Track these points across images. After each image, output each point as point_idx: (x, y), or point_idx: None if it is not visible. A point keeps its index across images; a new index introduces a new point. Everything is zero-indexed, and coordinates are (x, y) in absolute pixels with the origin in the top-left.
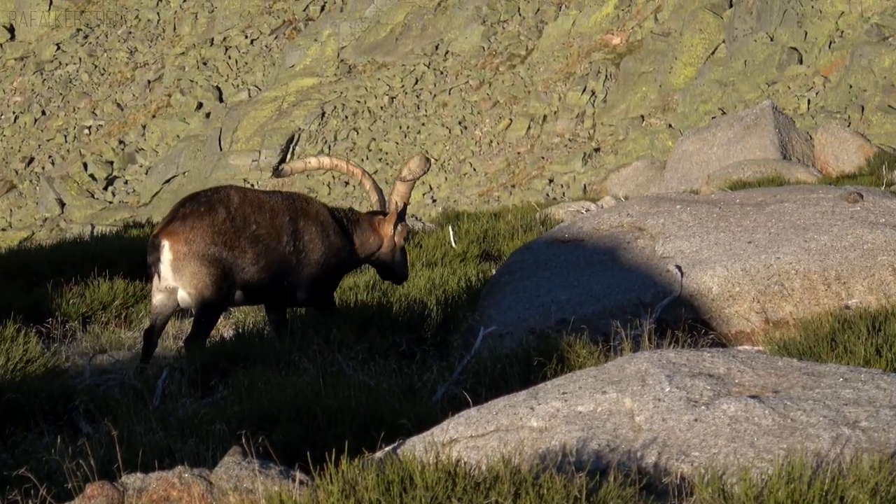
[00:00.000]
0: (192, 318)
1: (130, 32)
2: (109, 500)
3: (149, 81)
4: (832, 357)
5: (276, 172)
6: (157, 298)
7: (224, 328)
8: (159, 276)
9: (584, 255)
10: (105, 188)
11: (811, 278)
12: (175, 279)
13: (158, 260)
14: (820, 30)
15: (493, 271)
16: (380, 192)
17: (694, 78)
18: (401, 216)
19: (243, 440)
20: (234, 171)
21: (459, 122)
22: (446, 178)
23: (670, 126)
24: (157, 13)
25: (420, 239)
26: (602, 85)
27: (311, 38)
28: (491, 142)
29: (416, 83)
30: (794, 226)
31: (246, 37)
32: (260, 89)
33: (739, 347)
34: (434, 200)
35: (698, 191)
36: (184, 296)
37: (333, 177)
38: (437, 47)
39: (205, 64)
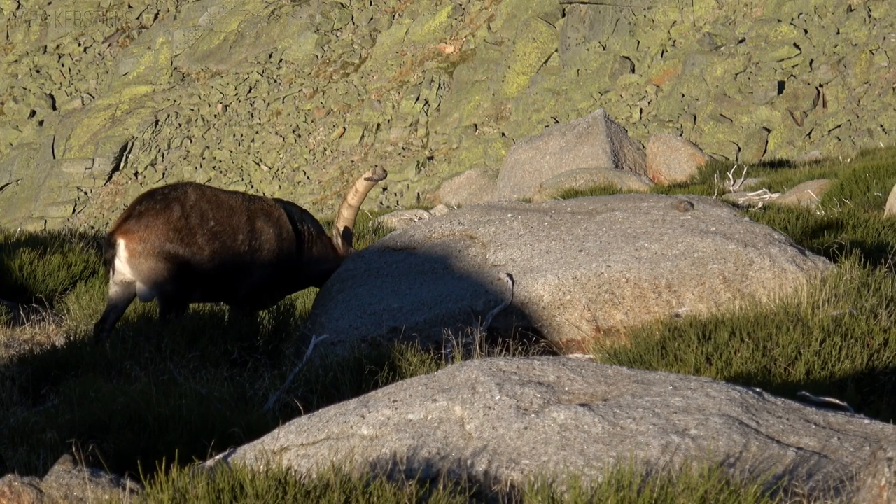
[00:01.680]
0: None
1: None
2: None
3: None
4: (662, 365)
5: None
6: (113, 290)
7: (55, 336)
8: (114, 270)
9: (416, 264)
10: None
11: (642, 286)
12: (132, 274)
13: (114, 257)
14: (652, 39)
15: None
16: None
17: (527, 87)
18: (346, 236)
19: (74, 448)
20: (68, 178)
21: (293, 131)
22: (280, 187)
23: (503, 135)
24: None
25: None
26: (435, 93)
27: (144, 46)
28: (325, 150)
29: (250, 91)
30: (624, 234)
31: (79, 44)
32: (93, 97)
33: (570, 355)
34: None
35: (531, 199)
36: (143, 288)
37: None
38: (270, 55)
39: (38, 71)
